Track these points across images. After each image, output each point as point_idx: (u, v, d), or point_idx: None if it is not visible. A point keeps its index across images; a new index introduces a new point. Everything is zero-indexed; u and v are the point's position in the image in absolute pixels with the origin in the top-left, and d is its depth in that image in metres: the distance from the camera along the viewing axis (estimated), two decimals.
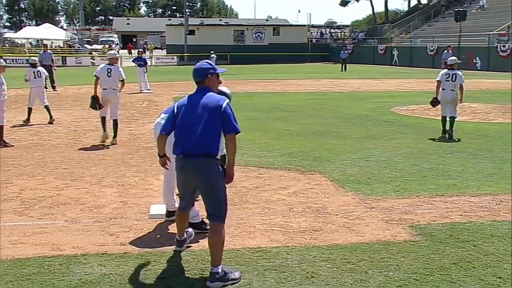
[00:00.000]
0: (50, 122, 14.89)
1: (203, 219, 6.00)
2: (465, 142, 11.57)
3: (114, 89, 11.59)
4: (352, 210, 6.82)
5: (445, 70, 12.48)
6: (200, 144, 4.78)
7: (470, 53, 39.89)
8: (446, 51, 29.06)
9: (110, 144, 11.55)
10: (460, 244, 5.64)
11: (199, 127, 4.78)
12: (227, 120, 4.82)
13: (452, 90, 12.20)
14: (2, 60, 11.65)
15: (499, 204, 7.06)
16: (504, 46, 37.47)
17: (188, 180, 4.94)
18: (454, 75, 12.18)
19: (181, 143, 4.85)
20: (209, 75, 5.03)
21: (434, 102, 12.68)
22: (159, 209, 6.66)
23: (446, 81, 12.23)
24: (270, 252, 5.39)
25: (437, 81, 12.53)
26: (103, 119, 11.84)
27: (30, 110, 15.09)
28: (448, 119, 12.24)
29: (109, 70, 11.46)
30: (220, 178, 4.89)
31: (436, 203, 7.09)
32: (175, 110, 4.97)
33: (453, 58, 13.14)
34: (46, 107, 15.14)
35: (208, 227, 5.92)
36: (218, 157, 4.91)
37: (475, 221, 6.38)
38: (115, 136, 11.76)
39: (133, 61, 24.95)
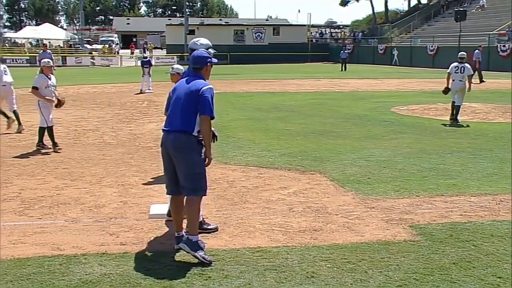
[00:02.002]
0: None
1: (203, 219, 6.01)
2: (465, 141, 11.57)
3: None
4: (352, 210, 6.82)
5: (456, 63, 14.55)
6: (177, 122, 5.29)
7: (470, 53, 39.78)
8: (477, 50, 29.55)
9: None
10: (460, 244, 5.64)
11: (179, 108, 5.30)
12: (202, 102, 5.23)
13: (460, 80, 14.37)
14: (49, 60, 11.18)
15: (499, 204, 7.05)
16: (504, 46, 37.45)
17: (166, 155, 5.36)
18: (462, 68, 14.40)
19: (166, 121, 5.42)
20: (208, 64, 5.51)
21: (445, 91, 14.82)
22: (159, 208, 6.66)
23: (455, 73, 14.44)
24: (270, 252, 5.38)
25: (448, 73, 14.64)
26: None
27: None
28: (455, 105, 14.38)
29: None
30: (195, 153, 5.28)
31: (436, 203, 7.09)
32: (170, 93, 5.60)
33: (463, 53, 15.18)
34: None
35: (209, 227, 5.93)
36: (196, 133, 5.26)
37: (475, 221, 6.37)
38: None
39: (142, 65, 24.71)
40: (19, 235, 5.89)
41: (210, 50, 5.73)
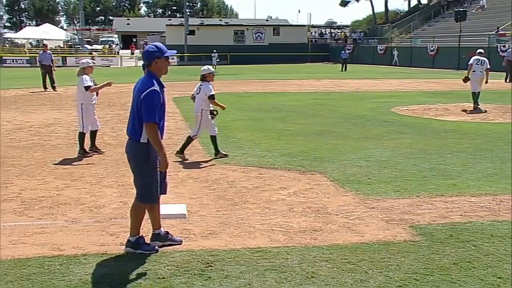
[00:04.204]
0: None
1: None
2: (465, 142, 11.56)
3: None
4: (352, 210, 6.82)
5: (476, 57, 17.34)
6: (128, 128, 5.33)
7: (471, 53, 39.80)
8: (510, 49, 30.84)
9: None
10: (460, 244, 5.63)
11: (130, 112, 5.30)
12: (142, 108, 5.11)
13: (480, 72, 17.10)
14: (89, 60, 10.95)
15: (499, 204, 7.05)
16: (504, 46, 37.41)
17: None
18: (482, 61, 17.21)
19: None
20: (156, 59, 5.25)
21: (465, 80, 17.54)
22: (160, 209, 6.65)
23: (476, 64, 17.14)
24: (270, 252, 5.38)
25: (469, 64, 17.35)
26: None
27: None
28: (476, 93, 17.10)
29: None
30: (140, 164, 5.26)
31: (436, 203, 7.09)
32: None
33: (481, 50, 18.29)
34: None
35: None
36: (145, 141, 5.16)
37: (475, 221, 6.37)
38: None
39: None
40: (19, 236, 5.89)
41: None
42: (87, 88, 10.15)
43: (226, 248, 5.53)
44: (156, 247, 5.46)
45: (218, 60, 47.37)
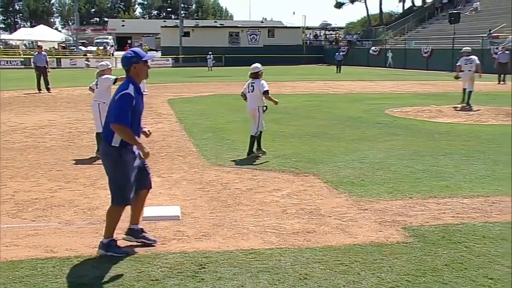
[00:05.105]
0: None
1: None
2: (458, 143, 11.60)
3: None
4: (346, 211, 6.84)
5: (464, 57, 18.17)
6: (103, 131, 5.45)
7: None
8: (501, 51, 31.41)
9: None
10: (452, 245, 5.66)
11: (106, 116, 5.38)
12: (112, 110, 5.22)
13: (469, 70, 18.01)
14: (108, 63, 10.88)
15: (491, 205, 7.08)
16: (497, 48, 37.54)
17: None
18: (470, 59, 18.07)
19: None
20: (134, 64, 5.29)
21: (457, 77, 18.70)
22: (153, 211, 6.66)
23: (465, 64, 18.09)
24: (263, 254, 5.39)
25: (457, 65, 18.55)
26: None
27: None
28: (466, 91, 18.11)
29: None
30: (112, 166, 5.34)
31: (429, 205, 7.11)
32: None
33: (467, 48, 19.00)
34: None
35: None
36: (116, 144, 5.22)
37: (468, 222, 6.40)
38: None
39: None
40: (13, 238, 5.88)
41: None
42: (115, 80, 9.86)
43: (219, 249, 5.54)
44: (129, 250, 5.45)
45: (214, 61, 47.36)
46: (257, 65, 10.40)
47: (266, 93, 10.03)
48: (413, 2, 72.05)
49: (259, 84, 10.10)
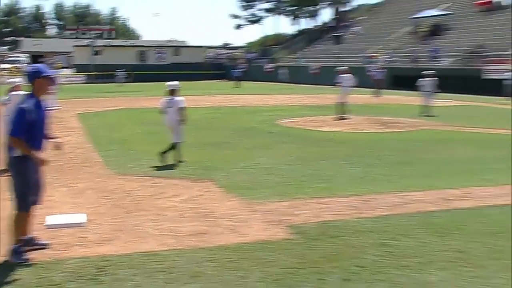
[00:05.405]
0: None
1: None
2: (339, 149, 12.03)
3: None
4: (237, 213, 6.89)
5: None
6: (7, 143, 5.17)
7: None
8: (376, 68, 32.28)
9: None
10: (330, 239, 5.86)
11: None
12: (10, 123, 5.07)
13: (345, 86, 19.01)
14: (20, 79, 10.28)
15: (364, 203, 7.40)
16: (370, 66, 39.34)
17: None
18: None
19: None
20: (36, 79, 5.19)
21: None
22: (58, 219, 6.42)
23: (345, 80, 18.92)
24: (160, 255, 5.33)
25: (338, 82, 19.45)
26: None
27: None
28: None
29: None
30: (14, 176, 5.13)
31: (312, 204, 7.31)
32: None
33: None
34: None
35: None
36: (17, 154, 5.05)
37: (343, 219, 6.64)
38: None
39: None
40: None
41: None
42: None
43: (119, 253, 5.41)
44: (28, 258, 5.17)
45: (126, 78, 46.31)
46: (175, 82, 10.66)
47: (182, 109, 10.31)
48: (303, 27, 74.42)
49: (178, 101, 10.39)
